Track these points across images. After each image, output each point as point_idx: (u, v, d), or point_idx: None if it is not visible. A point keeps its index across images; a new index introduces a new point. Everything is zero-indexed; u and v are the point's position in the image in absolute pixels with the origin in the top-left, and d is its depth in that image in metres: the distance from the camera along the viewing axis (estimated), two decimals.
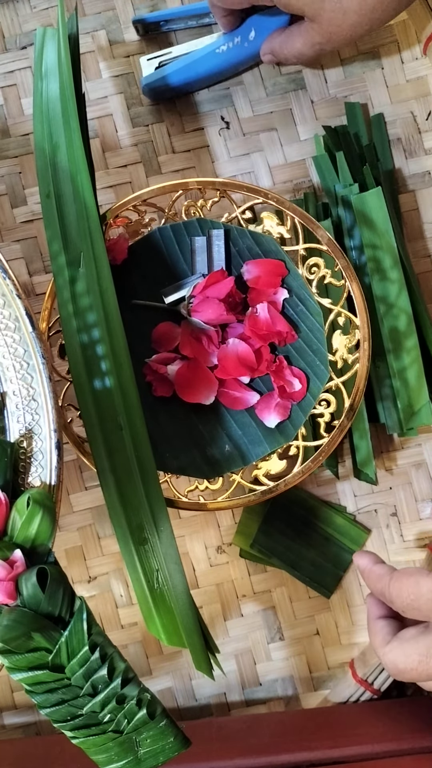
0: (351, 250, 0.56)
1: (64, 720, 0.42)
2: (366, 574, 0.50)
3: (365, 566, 0.50)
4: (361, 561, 0.51)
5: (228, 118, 0.60)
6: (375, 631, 0.49)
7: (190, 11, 0.58)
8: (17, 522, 0.42)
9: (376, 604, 0.50)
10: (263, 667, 0.58)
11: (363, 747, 0.51)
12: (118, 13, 0.60)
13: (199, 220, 0.54)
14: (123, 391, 0.47)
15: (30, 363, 0.46)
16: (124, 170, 0.60)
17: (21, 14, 0.60)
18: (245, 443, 0.53)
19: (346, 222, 0.56)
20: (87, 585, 0.58)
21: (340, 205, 0.56)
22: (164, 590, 0.46)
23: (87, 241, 0.48)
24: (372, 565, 0.50)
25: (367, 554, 0.51)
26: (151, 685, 0.54)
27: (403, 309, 0.55)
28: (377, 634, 0.48)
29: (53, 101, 0.50)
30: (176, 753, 0.43)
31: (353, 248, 0.56)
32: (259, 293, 0.53)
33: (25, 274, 0.59)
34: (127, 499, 0.47)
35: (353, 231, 0.56)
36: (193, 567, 0.58)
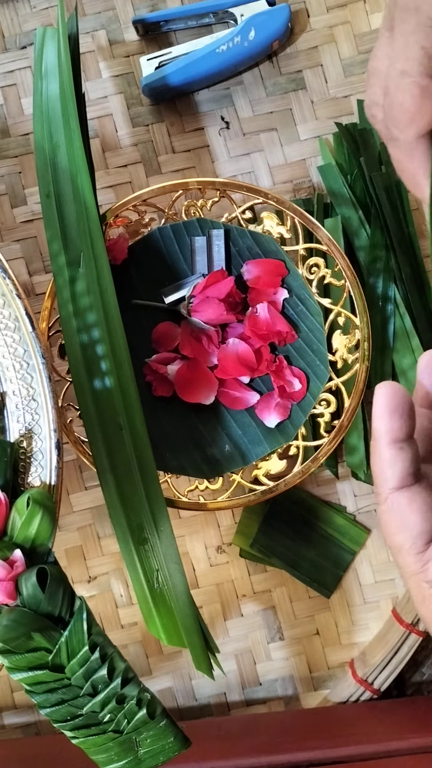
0: (358, 250, 0.56)
1: (64, 720, 0.43)
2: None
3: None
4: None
5: (228, 118, 0.60)
6: (388, 465, 0.33)
7: (190, 11, 0.58)
8: (17, 522, 0.42)
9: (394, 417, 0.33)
10: (263, 667, 0.58)
11: (363, 747, 0.51)
12: (118, 13, 0.60)
13: (199, 220, 0.54)
14: (123, 391, 0.47)
15: (30, 363, 0.46)
16: (124, 170, 0.60)
17: (21, 14, 0.60)
18: (245, 443, 0.53)
19: (352, 222, 0.56)
20: (87, 585, 0.58)
21: (347, 206, 0.56)
22: (164, 590, 0.46)
23: (87, 241, 0.48)
24: None
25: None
26: (151, 685, 0.54)
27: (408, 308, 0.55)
28: (388, 473, 0.33)
29: (53, 101, 0.50)
30: (176, 753, 0.43)
31: (359, 248, 0.56)
32: (259, 293, 0.53)
33: (25, 274, 0.59)
34: (127, 499, 0.47)
35: (360, 231, 0.56)
36: (193, 567, 0.58)
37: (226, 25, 0.59)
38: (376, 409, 0.33)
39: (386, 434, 0.33)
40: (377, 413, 0.33)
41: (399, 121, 0.37)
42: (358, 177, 0.56)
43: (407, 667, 0.56)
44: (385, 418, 0.33)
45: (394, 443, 0.33)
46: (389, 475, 0.33)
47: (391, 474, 0.33)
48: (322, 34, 0.59)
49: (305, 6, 0.59)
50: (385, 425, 0.33)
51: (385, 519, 0.34)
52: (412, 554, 0.33)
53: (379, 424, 0.33)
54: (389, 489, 0.33)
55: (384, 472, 0.33)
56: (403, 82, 0.36)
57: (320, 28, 0.59)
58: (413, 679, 0.57)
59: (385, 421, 0.33)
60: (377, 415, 0.33)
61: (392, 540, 0.34)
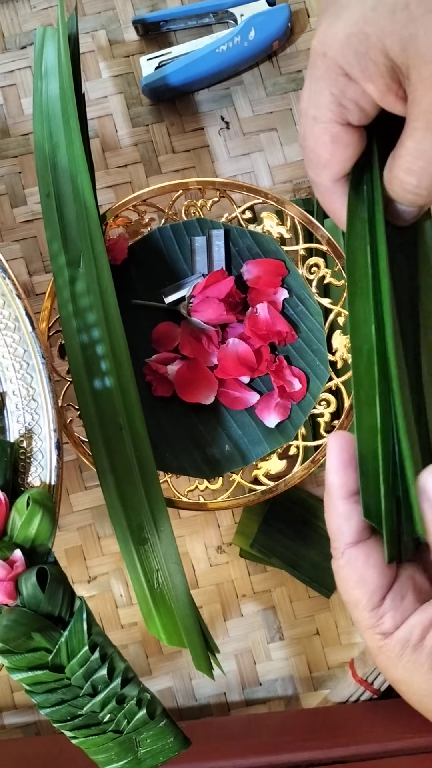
0: None
1: (64, 720, 0.43)
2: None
3: None
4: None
5: (228, 118, 0.60)
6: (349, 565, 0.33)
7: (190, 11, 0.58)
8: (17, 522, 0.42)
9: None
10: (263, 667, 0.58)
11: (363, 747, 0.51)
12: (118, 13, 0.60)
13: (199, 220, 0.54)
14: (123, 391, 0.47)
15: (30, 363, 0.46)
16: (124, 170, 0.60)
17: (21, 14, 0.60)
18: (245, 443, 0.53)
19: None
20: (87, 585, 0.58)
21: None
22: (164, 590, 0.46)
23: (87, 241, 0.48)
24: None
25: None
26: (151, 685, 0.54)
27: None
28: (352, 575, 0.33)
29: (53, 101, 0.50)
30: (176, 753, 0.43)
31: None
32: (259, 293, 0.53)
33: (25, 274, 0.59)
34: (127, 499, 0.47)
35: None
36: (193, 567, 0.58)
37: (226, 25, 0.59)
38: (328, 463, 0.33)
39: (340, 488, 0.33)
40: (330, 467, 0.33)
41: (314, 165, 0.36)
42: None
43: None
44: (339, 471, 0.33)
45: (349, 497, 0.33)
46: (345, 529, 0.33)
47: (347, 528, 0.33)
48: None
49: (305, 6, 0.59)
50: (339, 479, 0.33)
51: (341, 574, 0.33)
52: (368, 609, 0.33)
53: (333, 478, 0.33)
54: (345, 544, 0.33)
55: (340, 527, 0.33)
56: (315, 128, 0.35)
57: (319, 29, 0.59)
58: None
59: (339, 474, 0.33)
60: (330, 469, 0.33)
61: (349, 595, 0.33)
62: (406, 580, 0.33)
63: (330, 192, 0.37)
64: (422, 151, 0.33)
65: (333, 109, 0.34)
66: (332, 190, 0.37)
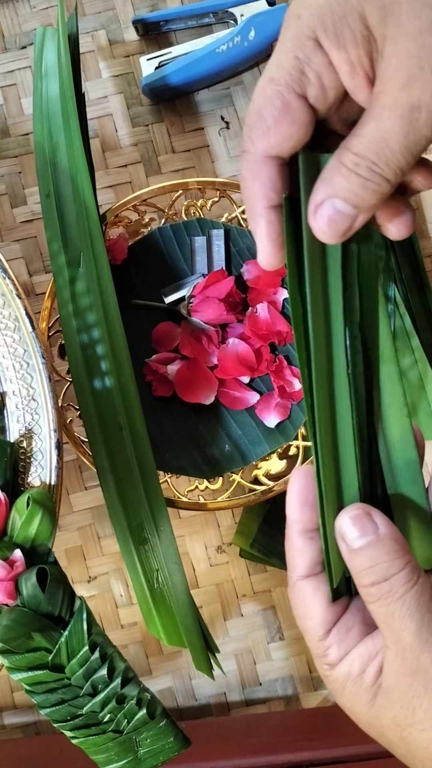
0: None
1: (64, 720, 0.43)
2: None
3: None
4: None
5: (228, 118, 0.60)
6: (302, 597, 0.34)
7: (190, 11, 0.58)
8: (17, 522, 0.42)
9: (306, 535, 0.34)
10: (263, 667, 0.58)
11: (363, 747, 0.51)
12: (118, 13, 0.60)
13: (199, 220, 0.54)
14: (123, 391, 0.47)
15: (30, 363, 0.46)
16: (124, 170, 0.60)
17: (21, 14, 0.60)
18: (245, 443, 0.53)
19: None
20: (87, 585, 0.58)
21: None
22: (164, 590, 0.46)
23: (87, 241, 0.48)
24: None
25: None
26: (151, 685, 0.54)
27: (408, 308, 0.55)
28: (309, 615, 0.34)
29: (53, 101, 0.50)
30: (176, 753, 0.43)
31: None
32: (259, 293, 0.53)
33: (25, 274, 0.59)
34: (127, 499, 0.47)
35: None
36: (193, 567, 0.58)
37: (226, 25, 0.59)
38: (288, 499, 0.34)
39: (296, 524, 0.34)
40: (289, 503, 0.34)
41: (252, 129, 0.32)
42: None
43: None
44: (297, 508, 0.34)
45: (304, 533, 0.34)
46: (298, 562, 0.34)
47: (300, 562, 0.34)
48: None
49: None
50: (296, 516, 0.34)
51: (293, 603, 0.34)
52: (315, 640, 0.34)
53: (290, 514, 0.34)
54: (297, 576, 0.34)
55: (294, 559, 0.34)
56: (268, 88, 0.31)
57: None
58: None
59: (296, 511, 0.34)
60: (289, 505, 0.34)
61: (299, 623, 0.34)
62: (354, 612, 0.34)
63: (256, 166, 0.32)
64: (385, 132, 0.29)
65: (293, 74, 0.31)
66: (258, 166, 0.32)
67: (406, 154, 0.30)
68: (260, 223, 0.33)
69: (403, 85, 0.29)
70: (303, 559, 0.34)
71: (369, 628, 0.33)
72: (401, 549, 0.31)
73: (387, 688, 0.32)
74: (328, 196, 0.31)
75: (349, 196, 0.31)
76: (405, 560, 0.31)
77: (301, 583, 0.34)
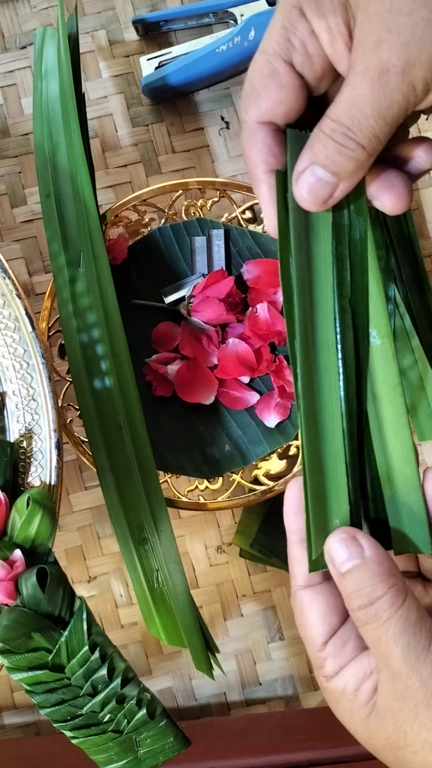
0: None
1: (64, 720, 0.43)
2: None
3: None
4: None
5: (228, 118, 0.60)
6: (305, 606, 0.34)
7: (190, 11, 0.58)
8: (17, 522, 0.42)
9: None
10: (263, 667, 0.58)
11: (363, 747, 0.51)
12: (118, 13, 0.60)
13: (199, 220, 0.54)
14: (123, 391, 0.47)
15: (30, 363, 0.46)
16: (124, 170, 0.60)
17: (21, 14, 0.60)
18: (245, 443, 0.53)
19: None
20: (87, 585, 0.58)
21: None
22: (164, 590, 0.46)
23: (87, 241, 0.48)
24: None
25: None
26: (151, 685, 0.54)
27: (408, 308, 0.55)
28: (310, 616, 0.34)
29: (53, 101, 0.50)
30: (176, 753, 0.43)
31: None
32: (259, 293, 0.53)
33: (25, 274, 0.59)
34: (127, 499, 0.47)
35: None
36: (193, 567, 0.58)
37: (226, 25, 0.59)
38: (284, 509, 0.34)
39: (293, 534, 0.34)
40: (285, 512, 0.34)
41: (246, 97, 0.33)
42: None
43: None
44: (292, 518, 0.34)
45: (300, 542, 0.34)
46: (297, 572, 0.34)
47: (298, 571, 0.34)
48: None
49: None
50: (292, 525, 0.34)
51: (294, 612, 0.35)
52: (313, 650, 0.34)
53: (288, 524, 0.34)
54: (297, 586, 0.34)
55: (293, 569, 0.34)
56: (258, 58, 0.33)
57: None
58: None
59: (292, 521, 0.34)
60: (285, 514, 0.34)
61: (300, 632, 0.35)
62: (351, 626, 0.34)
63: (251, 133, 0.34)
64: (357, 97, 0.30)
65: (280, 42, 0.32)
66: (253, 132, 0.34)
67: (379, 120, 0.30)
68: (262, 187, 0.34)
69: (372, 49, 0.29)
70: (301, 569, 0.34)
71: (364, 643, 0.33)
72: (386, 572, 0.31)
73: (380, 710, 0.32)
74: (310, 163, 0.32)
75: (327, 163, 0.31)
76: (389, 583, 0.31)
77: (300, 593, 0.34)
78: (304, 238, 0.33)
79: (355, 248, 0.35)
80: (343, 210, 0.34)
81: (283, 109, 0.33)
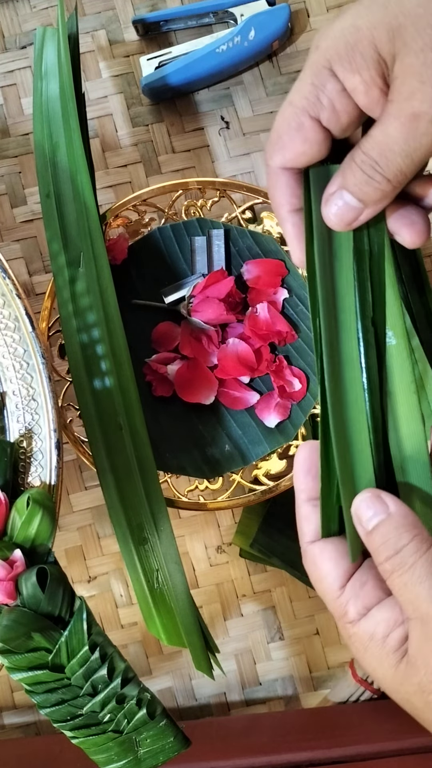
0: None
1: (64, 720, 0.43)
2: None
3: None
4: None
5: (228, 118, 0.60)
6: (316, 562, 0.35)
7: (190, 11, 0.58)
8: (17, 522, 0.42)
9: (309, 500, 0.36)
10: (263, 667, 0.58)
11: (363, 747, 0.51)
12: (118, 13, 0.60)
13: (199, 220, 0.54)
14: (123, 391, 0.47)
15: (30, 363, 0.46)
16: (124, 170, 0.60)
17: (21, 14, 0.60)
18: (245, 443, 0.53)
19: None
20: (87, 585, 0.58)
21: None
22: (164, 590, 0.46)
23: (87, 241, 0.48)
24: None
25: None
26: (151, 685, 0.54)
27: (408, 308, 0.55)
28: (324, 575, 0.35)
29: (53, 101, 0.50)
30: (176, 753, 0.43)
31: None
32: (259, 293, 0.53)
33: (25, 274, 0.59)
34: (127, 499, 0.47)
35: None
36: (193, 567, 0.58)
37: (226, 25, 0.59)
38: (294, 469, 0.37)
39: (302, 492, 0.36)
40: (294, 472, 0.37)
41: (271, 144, 0.37)
42: None
43: None
44: (301, 477, 0.37)
45: (309, 500, 0.36)
46: (306, 529, 0.36)
47: (307, 528, 0.36)
48: None
49: (305, 6, 0.59)
50: (301, 485, 0.36)
51: (307, 570, 0.36)
52: (332, 599, 0.35)
53: (297, 483, 0.37)
54: (306, 543, 0.36)
55: (302, 527, 0.36)
56: (286, 110, 0.36)
57: (320, 28, 0.59)
58: None
59: (301, 480, 0.36)
60: (294, 474, 0.37)
61: (317, 590, 0.36)
62: (367, 568, 0.35)
63: (275, 177, 0.38)
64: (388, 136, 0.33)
65: (309, 98, 0.35)
66: (277, 176, 0.38)
67: (406, 158, 0.34)
68: (287, 225, 0.39)
69: (406, 98, 0.32)
70: (309, 526, 0.36)
71: (384, 584, 0.34)
72: (410, 524, 0.33)
73: (411, 655, 0.33)
74: (339, 187, 0.36)
75: (355, 190, 0.35)
76: (413, 533, 0.33)
77: (310, 547, 0.36)
78: (328, 266, 0.37)
79: (375, 270, 0.39)
80: (363, 236, 0.38)
81: (305, 159, 0.37)
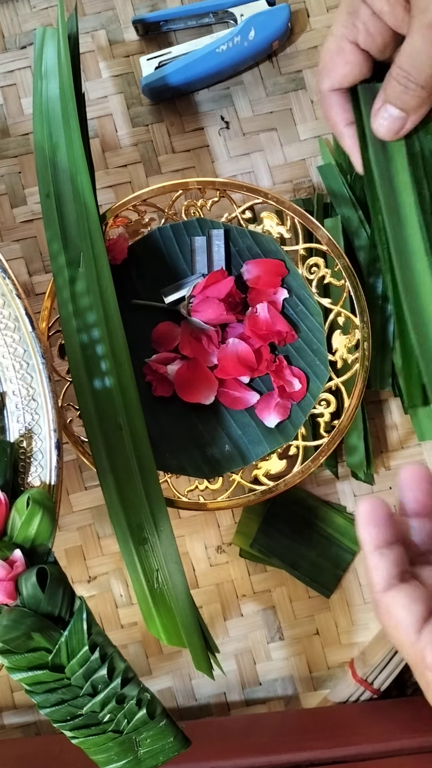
0: (358, 250, 0.56)
1: (64, 720, 0.43)
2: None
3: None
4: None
5: (228, 118, 0.60)
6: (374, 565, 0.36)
7: (190, 11, 0.58)
8: (17, 522, 0.42)
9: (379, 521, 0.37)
10: (263, 667, 0.58)
11: (363, 747, 0.51)
12: (118, 13, 0.60)
13: (199, 220, 0.54)
14: (123, 391, 0.47)
15: (30, 363, 0.46)
16: (124, 170, 0.60)
17: (21, 14, 0.60)
18: (245, 443, 0.53)
19: (352, 222, 0.56)
20: (87, 585, 0.58)
21: (347, 206, 0.56)
22: (164, 590, 0.46)
23: (87, 241, 0.48)
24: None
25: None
26: (151, 685, 0.54)
27: None
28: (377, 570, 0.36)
29: (53, 101, 0.50)
30: (176, 753, 0.43)
31: (359, 248, 0.56)
32: (259, 293, 0.53)
33: (25, 274, 0.59)
34: (127, 499, 0.47)
35: (360, 231, 0.55)
36: (193, 567, 0.58)
37: (226, 25, 0.59)
38: (358, 522, 0.37)
39: (367, 543, 0.36)
40: (358, 525, 0.37)
41: (319, 72, 0.44)
42: (358, 177, 0.56)
43: (407, 667, 0.56)
44: (366, 530, 0.36)
45: (375, 550, 0.36)
46: (376, 579, 0.36)
47: (377, 578, 0.36)
48: (322, 34, 0.59)
49: (305, 6, 0.59)
50: (365, 536, 0.36)
51: (381, 621, 0.36)
52: (409, 645, 0.35)
53: (362, 536, 0.36)
54: (378, 593, 0.36)
55: (372, 578, 0.36)
56: (328, 39, 0.43)
57: (320, 28, 0.59)
58: (413, 679, 0.57)
59: (365, 532, 0.36)
60: (358, 527, 0.37)
61: (392, 638, 0.36)
62: None
63: (326, 98, 0.45)
64: (414, 48, 0.39)
65: (346, 26, 0.42)
66: (327, 97, 0.45)
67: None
68: (345, 139, 0.47)
69: (422, 10, 0.39)
70: (379, 575, 0.36)
71: None
72: None
73: None
74: (383, 102, 0.43)
75: (396, 102, 0.42)
76: None
77: (383, 597, 0.35)
78: (385, 170, 0.44)
79: (430, 168, 0.44)
80: (414, 140, 0.44)
81: (350, 79, 0.44)
